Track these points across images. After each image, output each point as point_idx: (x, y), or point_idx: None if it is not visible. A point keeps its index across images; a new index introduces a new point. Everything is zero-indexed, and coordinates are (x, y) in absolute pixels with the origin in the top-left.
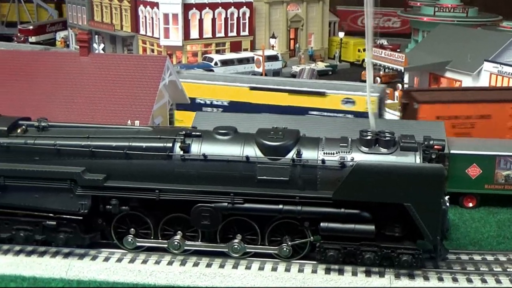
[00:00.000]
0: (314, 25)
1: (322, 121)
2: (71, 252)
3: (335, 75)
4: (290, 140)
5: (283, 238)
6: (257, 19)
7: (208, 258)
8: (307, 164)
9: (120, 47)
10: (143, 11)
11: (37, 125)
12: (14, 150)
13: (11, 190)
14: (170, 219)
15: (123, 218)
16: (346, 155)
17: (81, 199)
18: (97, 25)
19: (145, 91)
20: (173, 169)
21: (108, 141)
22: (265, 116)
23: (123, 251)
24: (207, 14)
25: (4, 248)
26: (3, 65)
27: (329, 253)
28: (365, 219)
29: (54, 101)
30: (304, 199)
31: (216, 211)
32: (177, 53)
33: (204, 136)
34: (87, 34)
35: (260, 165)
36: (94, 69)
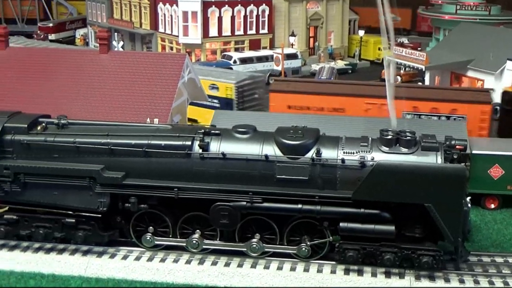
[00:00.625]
0: (334, 23)
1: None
2: (90, 250)
3: (355, 74)
4: (310, 139)
5: (302, 238)
6: (276, 17)
7: (227, 257)
8: (327, 164)
9: (139, 45)
10: (162, 9)
11: (57, 122)
12: (34, 148)
13: (31, 188)
14: (189, 218)
15: (141, 216)
16: (366, 155)
17: (100, 197)
18: (116, 22)
19: (164, 89)
20: (191, 167)
21: (127, 139)
22: (284, 115)
23: (141, 249)
24: (226, 11)
25: (24, 245)
26: (24, 62)
27: (349, 254)
28: (385, 220)
29: (73, 99)
30: (324, 198)
31: (235, 210)
32: (196, 51)
33: (223, 134)
34: (107, 32)
35: (279, 164)
36: (113, 66)
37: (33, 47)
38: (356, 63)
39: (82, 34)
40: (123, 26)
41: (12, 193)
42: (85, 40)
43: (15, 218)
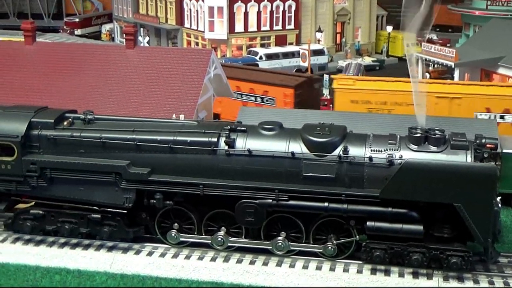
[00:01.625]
0: (361, 19)
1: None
2: (115, 246)
3: (383, 71)
4: (337, 136)
5: (328, 236)
6: (303, 12)
7: (252, 255)
8: (354, 161)
9: (165, 40)
10: (188, 4)
11: (83, 117)
12: (61, 143)
13: (57, 183)
14: (214, 215)
15: (167, 213)
16: (394, 153)
17: (125, 193)
18: (142, 17)
19: (190, 84)
20: (217, 164)
21: (153, 135)
22: (311, 111)
23: (166, 246)
24: (253, 7)
25: (50, 240)
26: (51, 57)
27: (376, 253)
28: (413, 219)
29: (100, 94)
30: (351, 197)
31: (261, 208)
32: (222, 46)
33: (249, 131)
34: (133, 27)
35: (306, 162)
36: (139, 62)
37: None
38: (384, 59)
39: (108, 29)
40: (148, 21)
41: (39, 188)
42: (111, 35)
43: (41, 213)
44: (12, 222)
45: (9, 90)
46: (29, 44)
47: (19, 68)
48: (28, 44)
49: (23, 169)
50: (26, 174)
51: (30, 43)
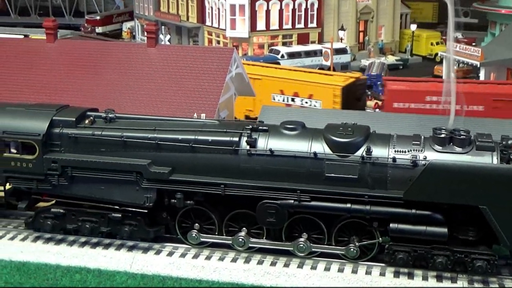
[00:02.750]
0: (385, 17)
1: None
2: (136, 245)
3: (406, 70)
4: (360, 136)
5: (351, 238)
6: (325, 10)
7: (273, 257)
8: (377, 162)
9: (186, 39)
10: (209, 2)
11: (105, 116)
12: (82, 141)
13: (78, 181)
14: (235, 215)
15: (187, 213)
16: (418, 154)
17: (146, 192)
18: (163, 15)
19: (212, 83)
20: (238, 164)
21: (174, 134)
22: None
23: (187, 246)
24: (275, 5)
25: (70, 239)
26: (72, 55)
27: (399, 256)
28: (437, 221)
29: (121, 92)
30: (374, 198)
31: (282, 208)
32: (243, 45)
33: (271, 130)
34: (155, 25)
35: (328, 162)
36: (161, 60)
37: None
38: (408, 58)
39: (129, 27)
40: (170, 19)
41: (60, 186)
42: (131, 33)
43: (62, 211)
44: (32, 220)
45: (31, 88)
46: (51, 42)
47: (41, 66)
48: (49, 42)
49: (44, 167)
50: (47, 172)
51: (51, 41)
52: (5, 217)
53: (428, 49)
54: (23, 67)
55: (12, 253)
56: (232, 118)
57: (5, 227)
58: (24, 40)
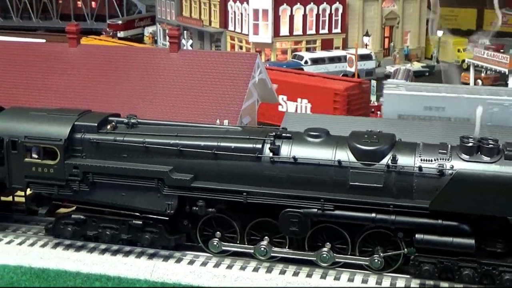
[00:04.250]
0: (411, 23)
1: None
2: (156, 253)
3: (433, 77)
4: (385, 144)
5: (375, 248)
6: (350, 15)
7: (295, 266)
8: (403, 171)
9: (208, 43)
10: (232, 7)
11: (127, 121)
12: (103, 147)
13: (99, 187)
14: (257, 224)
15: (209, 221)
16: (445, 163)
17: (167, 199)
18: (185, 20)
19: (235, 89)
20: (261, 171)
21: (197, 140)
22: (357, 118)
23: (208, 254)
24: (298, 10)
25: (90, 246)
26: (94, 60)
27: (424, 267)
28: (464, 232)
29: (143, 98)
30: (399, 208)
31: (305, 217)
32: (266, 50)
33: (295, 138)
34: (177, 30)
35: (353, 170)
36: (183, 65)
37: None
38: (434, 65)
39: (150, 32)
40: (192, 24)
41: (80, 192)
42: (153, 38)
43: (82, 218)
44: (53, 226)
45: (53, 93)
46: (73, 46)
47: (63, 70)
48: (72, 47)
49: (66, 173)
50: (68, 178)
51: (74, 46)
52: (26, 223)
53: (455, 55)
54: (45, 72)
55: (32, 259)
56: (255, 124)
57: (25, 233)
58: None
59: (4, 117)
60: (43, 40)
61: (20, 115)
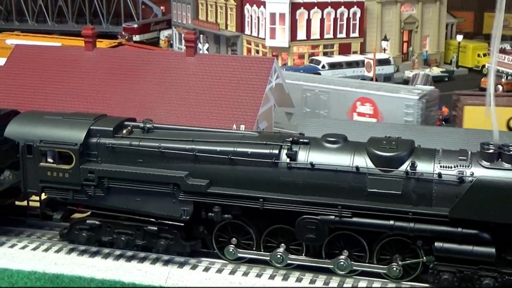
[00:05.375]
0: (430, 27)
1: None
2: (171, 260)
3: (452, 82)
4: (404, 150)
5: (393, 256)
6: (368, 20)
7: (312, 274)
8: (422, 178)
9: (224, 47)
10: (249, 10)
11: (142, 126)
12: (119, 151)
13: (114, 192)
14: (274, 230)
15: (224, 227)
16: (465, 170)
17: (183, 205)
18: (201, 24)
19: (251, 94)
20: (278, 177)
21: (213, 146)
22: (376, 124)
23: (223, 261)
24: (316, 14)
25: (105, 252)
26: (110, 64)
27: (443, 276)
28: (484, 241)
29: (159, 102)
30: (418, 215)
31: (322, 224)
32: (283, 54)
33: (312, 143)
34: (194, 34)
35: (371, 177)
36: (199, 69)
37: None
38: (453, 70)
39: (166, 36)
40: (208, 27)
41: (96, 197)
42: (169, 42)
43: (97, 223)
44: (68, 232)
45: (69, 97)
46: (89, 50)
47: (79, 74)
48: (88, 50)
49: (81, 177)
50: (83, 183)
51: (90, 49)
52: (40, 228)
53: (474, 60)
54: (61, 75)
55: (46, 265)
56: (271, 129)
57: (39, 238)
58: (62, 48)
59: (19, 122)
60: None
61: (36, 120)
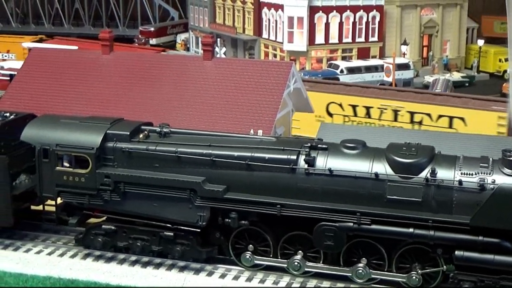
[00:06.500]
0: (450, 32)
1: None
2: (187, 266)
3: (473, 87)
4: (424, 157)
5: (413, 265)
6: (387, 24)
7: (330, 282)
8: (442, 185)
9: (241, 51)
10: (266, 14)
11: (159, 131)
12: (135, 156)
13: (130, 197)
14: (291, 237)
15: (241, 233)
16: (486, 177)
17: (199, 210)
18: (218, 27)
19: (269, 98)
20: (296, 183)
21: (230, 151)
22: (395, 130)
23: (240, 268)
24: (334, 17)
25: (120, 258)
26: (127, 67)
27: (464, 286)
28: (506, 250)
29: (176, 106)
30: (438, 223)
31: (341, 231)
32: (301, 58)
33: (331, 149)
34: (211, 38)
35: (390, 184)
36: (217, 74)
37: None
38: (474, 75)
39: (183, 39)
40: (225, 31)
41: (112, 202)
42: (185, 45)
43: (113, 228)
44: (83, 237)
45: (86, 101)
46: (106, 53)
47: (96, 78)
48: (105, 54)
49: (97, 182)
50: (99, 187)
51: (107, 53)
52: (55, 233)
53: (496, 65)
54: (78, 79)
55: (62, 270)
56: (289, 135)
57: (54, 243)
58: (79, 51)
59: (36, 125)
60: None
61: (52, 123)
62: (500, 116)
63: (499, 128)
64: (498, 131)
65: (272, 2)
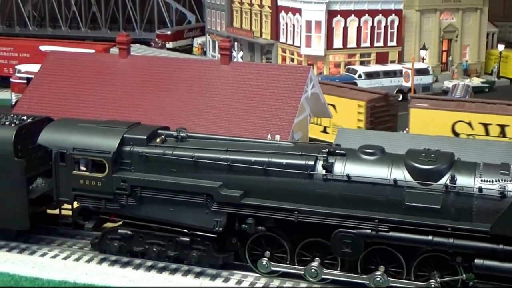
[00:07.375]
0: (470, 36)
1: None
2: (203, 272)
3: (493, 93)
4: (444, 163)
5: (431, 273)
6: (406, 28)
7: None
8: (462, 192)
9: (259, 55)
10: (284, 18)
11: (176, 135)
12: (152, 160)
13: (146, 202)
14: (308, 244)
15: (258, 239)
16: (507, 184)
17: (216, 216)
18: (235, 31)
19: (286, 103)
20: (313, 189)
21: (247, 156)
22: (414, 136)
23: (256, 275)
24: (353, 22)
25: (136, 263)
26: (145, 71)
27: None
28: None
29: (193, 110)
30: (457, 230)
31: (359, 238)
32: (318, 63)
33: (349, 155)
34: (229, 42)
35: (409, 190)
36: (234, 78)
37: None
38: (494, 80)
39: (199, 43)
40: (242, 35)
41: (128, 206)
42: (202, 49)
43: (129, 233)
44: (99, 241)
45: (103, 104)
46: (124, 57)
47: (113, 82)
48: (122, 58)
49: (113, 186)
50: (116, 191)
51: (124, 57)
52: (71, 237)
53: None
54: (95, 83)
55: (77, 274)
56: (307, 140)
57: (70, 247)
58: (96, 55)
59: (53, 129)
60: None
61: (69, 127)
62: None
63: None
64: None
65: (290, 6)
